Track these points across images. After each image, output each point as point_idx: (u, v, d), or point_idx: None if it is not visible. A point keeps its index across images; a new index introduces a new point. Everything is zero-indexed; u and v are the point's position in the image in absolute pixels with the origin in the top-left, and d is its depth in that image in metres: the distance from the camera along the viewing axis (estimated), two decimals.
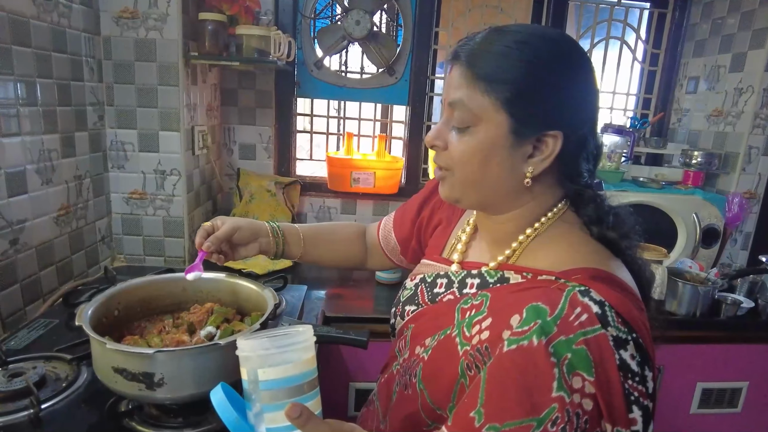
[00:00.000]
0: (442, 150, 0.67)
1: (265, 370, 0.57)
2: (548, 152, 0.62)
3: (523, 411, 0.51)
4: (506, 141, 0.62)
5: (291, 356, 0.58)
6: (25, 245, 1.17)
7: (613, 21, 2.07)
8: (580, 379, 0.51)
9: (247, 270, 1.58)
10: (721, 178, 1.93)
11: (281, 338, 0.59)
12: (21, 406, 0.81)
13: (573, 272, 0.60)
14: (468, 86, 0.62)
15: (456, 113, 0.64)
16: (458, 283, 0.72)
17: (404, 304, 0.80)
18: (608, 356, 0.52)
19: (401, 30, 1.95)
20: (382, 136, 2.04)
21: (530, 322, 0.54)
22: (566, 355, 0.51)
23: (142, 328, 0.92)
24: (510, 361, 0.54)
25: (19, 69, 1.12)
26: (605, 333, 0.52)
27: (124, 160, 1.51)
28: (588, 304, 0.54)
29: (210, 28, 1.49)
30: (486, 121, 0.62)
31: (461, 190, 0.68)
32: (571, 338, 0.52)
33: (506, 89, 0.60)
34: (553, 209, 0.68)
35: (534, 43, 0.61)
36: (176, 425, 0.80)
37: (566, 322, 0.53)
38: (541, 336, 0.52)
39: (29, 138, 1.16)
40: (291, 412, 0.56)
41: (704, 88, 1.99)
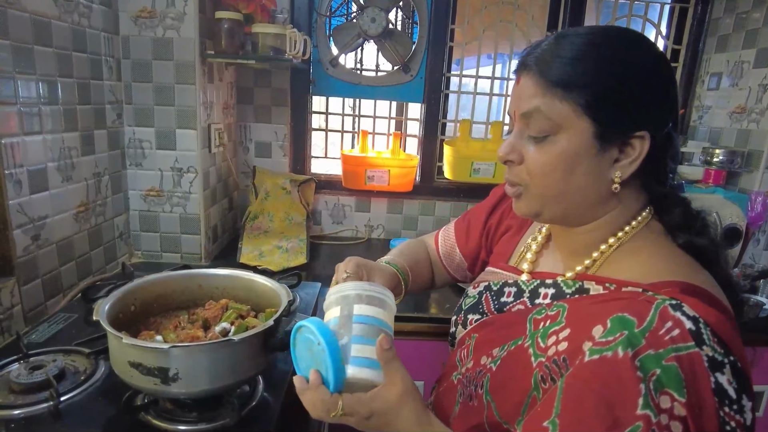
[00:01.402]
0: (518, 164, 0.64)
1: (362, 306, 0.61)
2: (636, 154, 0.59)
3: (602, 426, 0.48)
4: (591, 148, 0.59)
5: (383, 304, 0.62)
6: (46, 241, 1.20)
7: (633, 16, 2.04)
8: (669, 399, 0.47)
9: (262, 267, 1.60)
10: (743, 176, 1.88)
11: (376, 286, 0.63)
12: (41, 398, 0.83)
13: (662, 285, 0.56)
14: (544, 94, 0.60)
15: (532, 123, 0.61)
16: (529, 293, 0.69)
17: (467, 313, 0.77)
18: (702, 377, 0.47)
19: (417, 27, 1.94)
20: (396, 134, 2.04)
21: (615, 333, 0.50)
22: (655, 370, 0.47)
23: (158, 323, 0.93)
24: (591, 371, 0.50)
25: (40, 69, 1.14)
26: (699, 352, 0.48)
27: (142, 157, 1.53)
28: (681, 319, 0.50)
29: (226, 26, 1.50)
30: (567, 129, 0.59)
31: (542, 203, 0.64)
32: (661, 353, 0.48)
33: (585, 93, 0.58)
34: (637, 217, 0.64)
35: (605, 43, 0.59)
36: (191, 419, 0.81)
37: (656, 335, 0.49)
38: (627, 348, 0.48)
39: (50, 136, 1.19)
40: (384, 341, 0.58)
41: (727, 85, 1.95)
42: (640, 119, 0.59)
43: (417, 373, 1.46)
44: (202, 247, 1.61)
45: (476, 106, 2.05)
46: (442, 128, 2.08)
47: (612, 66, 0.58)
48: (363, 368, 0.59)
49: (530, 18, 1.98)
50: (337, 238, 2.09)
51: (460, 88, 2.04)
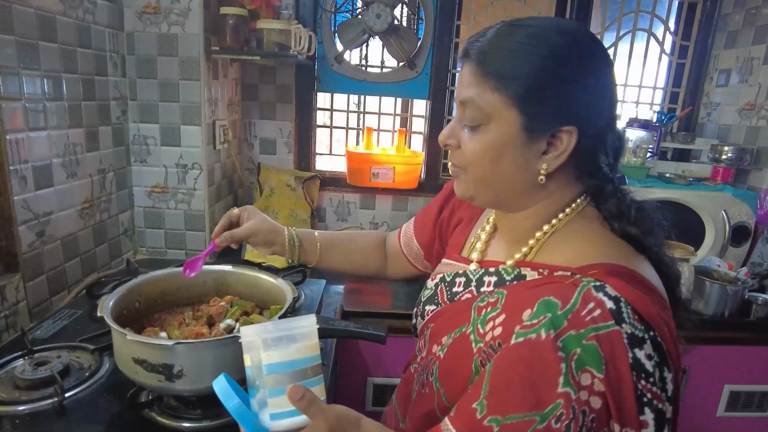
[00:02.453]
0: (456, 149, 0.66)
1: (269, 353, 0.57)
2: (563, 148, 0.61)
3: (526, 405, 0.50)
4: (518, 139, 0.61)
5: (294, 339, 0.58)
6: (51, 237, 1.20)
7: (641, 12, 2.02)
8: (589, 376, 0.49)
9: (266, 264, 1.60)
10: (752, 174, 1.86)
11: (284, 323, 0.59)
12: (46, 394, 0.83)
13: (590, 267, 0.58)
14: (478, 84, 0.61)
15: (467, 112, 0.63)
16: (476, 282, 0.71)
17: (425, 304, 0.79)
18: (620, 354, 0.50)
19: (422, 23, 1.93)
20: (401, 131, 2.03)
21: (540, 316, 0.53)
22: (575, 350, 0.50)
23: (163, 320, 0.93)
24: (516, 353, 0.53)
25: (45, 64, 1.14)
26: (619, 330, 0.51)
27: (147, 154, 1.53)
28: (602, 299, 0.52)
29: (231, 22, 1.50)
30: (497, 119, 0.61)
31: (475, 188, 0.67)
32: (581, 333, 0.50)
33: (517, 86, 0.59)
34: (571, 205, 0.66)
35: (547, 37, 0.59)
36: (195, 416, 0.81)
37: (577, 316, 0.51)
38: (549, 329, 0.51)
39: (55, 132, 1.19)
40: (293, 393, 0.56)
41: (736, 81, 1.93)
42: (570, 115, 0.60)
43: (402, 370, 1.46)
44: (207, 243, 1.61)
45: None
46: (449, 123, 2.06)
47: (546, 62, 0.58)
48: (283, 420, 0.58)
49: (537, 14, 1.96)
50: None
51: None
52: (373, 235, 1.08)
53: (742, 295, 1.48)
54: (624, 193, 0.67)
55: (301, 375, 0.58)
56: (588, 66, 0.60)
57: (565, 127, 0.60)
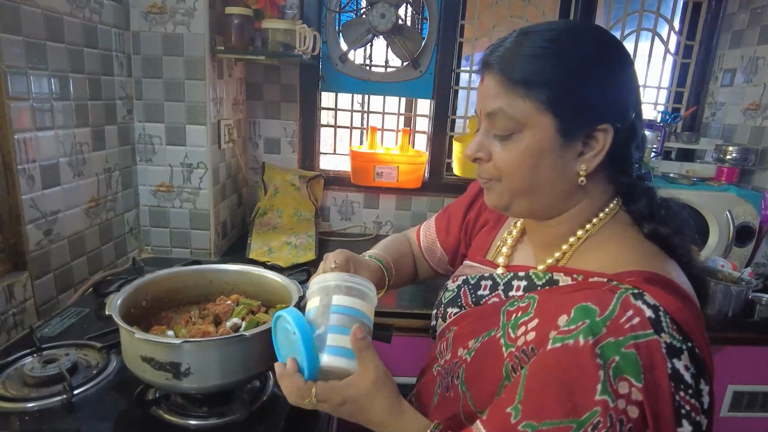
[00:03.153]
0: (486, 162, 0.66)
1: (340, 296, 0.61)
2: (599, 147, 0.60)
3: (562, 411, 0.50)
4: (555, 143, 0.60)
5: (363, 295, 0.62)
6: (58, 236, 1.21)
7: (645, 12, 2.01)
8: (627, 385, 0.49)
9: (271, 263, 1.60)
10: (757, 174, 1.86)
11: (356, 278, 0.63)
12: (54, 391, 0.84)
13: (626, 275, 0.57)
14: (506, 93, 0.61)
15: (497, 122, 0.62)
16: (504, 286, 0.71)
17: (446, 306, 0.78)
18: (659, 364, 0.49)
19: (426, 23, 1.93)
20: (405, 130, 2.03)
21: (578, 321, 0.52)
22: (614, 357, 0.49)
23: (169, 318, 0.94)
24: (553, 358, 0.52)
25: (52, 64, 1.14)
26: (658, 339, 0.50)
27: (152, 153, 1.54)
28: (641, 307, 0.52)
29: (236, 22, 1.50)
30: (531, 126, 0.60)
31: (510, 197, 0.66)
32: (620, 341, 0.50)
33: (546, 90, 0.59)
34: (604, 209, 0.66)
35: (566, 39, 0.60)
36: (201, 414, 0.81)
37: (616, 324, 0.50)
38: (588, 335, 0.50)
39: (62, 131, 1.19)
40: (358, 331, 0.59)
41: (741, 81, 1.92)
42: (602, 112, 0.60)
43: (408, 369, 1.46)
44: (212, 242, 1.61)
45: None
46: (452, 124, 2.06)
47: (571, 62, 0.59)
48: (337, 357, 0.60)
49: (541, 14, 1.96)
50: (345, 234, 2.09)
51: (470, 84, 2.03)
52: (405, 242, 1.01)
53: (745, 296, 1.48)
54: (653, 190, 0.67)
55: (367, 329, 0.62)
56: (612, 62, 0.61)
57: (599, 125, 0.60)
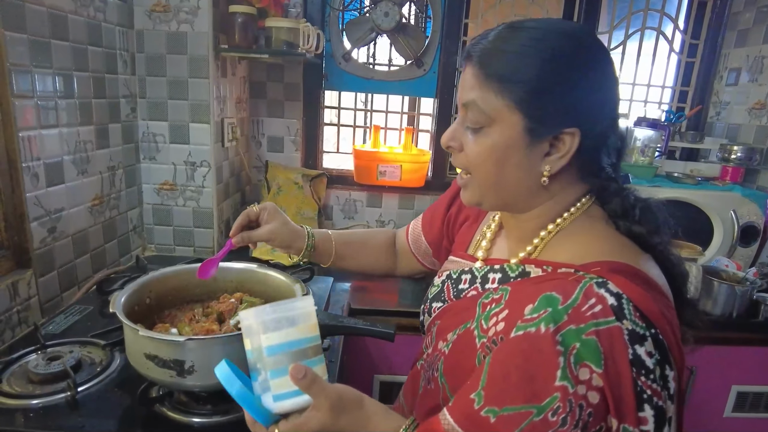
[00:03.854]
0: (458, 151, 0.67)
1: (268, 335, 0.58)
2: (565, 150, 0.61)
3: (523, 397, 0.51)
4: (521, 141, 0.61)
5: (293, 320, 0.59)
6: (62, 234, 1.21)
7: (650, 11, 2.00)
8: (588, 371, 0.50)
9: (274, 261, 1.60)
10: (761, 174, 1.85)
11: (282, 304, 0.60)
12: (58, 388, 0.84)
13: (593, 265, 0.58)
14: (480, 87, 0.61)
15: (470, 114, 0.63)
16: (481, 279, 0.72)
17: (431, 301, 0.80)
18: (620, 349, 0.50)
19: (430, 21, 1.93)
20: (409, 129, 2.03)
21: (540, 310, 0.53)
22: (575, 344, 0.50)
23: (173, 316, 0.94)
24: (515, 346, 0.53)
25: (57, 62, 1.15)
26: (620, 326, 0.51)
27: (156, 151, 1.54)
28: (604, 295, 0.52)
29: (240, 20, 1.50)
30: (500, 122, 0.61)
31: (480, 193, 0.67)
32: (581, 328, 0.50)
33: (520, 89, 0.59)
34: (576, 204, 0.66)
35: (550, 40, 0.59)
36: (205, 412, 0.81)
37: (578, 311, 0.51)
38: (549, 323, 0.51)
39: (66, 130, 1.20)
40: (295, 372, 0.57)
41: (746, 80, 1.91)
42: (572, 116, 0.60)
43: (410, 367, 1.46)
44: (215, 240, 1.62)
45: None
46: None
47: (549, 64, 0.59)
48: (285, 401, 0.59)
49: (545, 12, 1.96)
50: None
51: None
52: (384, 233, 1.08)
53: (750, 296, 1.47)
54: (628, 191, 0.67)
55: (302, 355, 0.59)
56: (590, 68, 0.61)
57: (567, 129, 0.60)
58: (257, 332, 0.58)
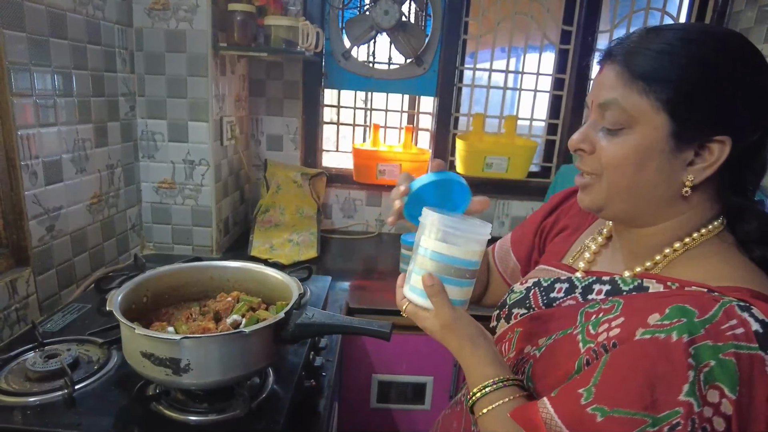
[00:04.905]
0: (589, 154, 0.63)
1: (437, 243, 0.64)
2: (713, 160, 0.56)
3: (641, 403, 0.47)
4: (665, 145, 0.57)
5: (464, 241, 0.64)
6: (60, 232, 1.21)
7: (651, 9, 2.00)
8: (718, 394, 0.45)
9: (272, 260, 1.60)
10: None
11: (464, 223, 0.64)
12: (56, 386, 0.84)
13: (731, 289, 0.53)
14: (624, 86, 0.58)
15: (608, 114, 0.60)
16: (582, 289, 0.68)
17: (511, 307, 0.76)
18: (761, 380, 0.45)
19: (430, 20, 1.92)
20: (408, 128, 2.03)
21: (673, 318, 0.49)
22: (709, 362, 0.46)
23: (170, 314, 0.94)
24: (640, 349, 0.49)
25: (56, 61, 1.15)
26: (763, 356, 0.46)
27: (154, 149, 1.54)
28: (748, 319, 0.48)
29: (239, 18, 1.50)
30: (643, 124, 0.57)
31: (608, 196, 0.62)
32: (720, 346, 0.46)
33: (668, 89, 0.56)
34: (708, 225, 0.61)
35: (701, 41, 0.56)
36: (201, 410, 0.81)
37: (717, 328, 0.47)
38: (684, 333, 0.47)
39: (65, 128, 1.20)
40: (427, 279, 0.63)
41: None
42: (724, 123, 0.56)
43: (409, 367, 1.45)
44: (214, 239, 1.62)
45: (490, 99, 2.04)
46: (455, 122, 2.06)
47: (700, 64, 0.55)
48: (415, 295, 0.66)
49: (546, 11, 1.95)
50: (347, 232, 2.09)
51: (473, 82, 2.02)
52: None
53: None
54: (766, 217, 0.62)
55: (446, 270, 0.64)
56: (745, 72, 0.57)
57: (717, 136, 0.56)
58: (429, 235, 0.64)
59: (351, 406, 1.48)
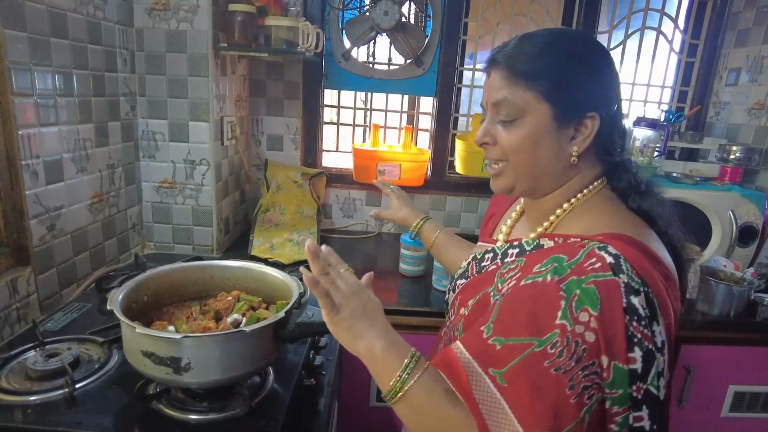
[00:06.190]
0: (492, 145, 0.75)
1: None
2: (588, 132, 0.71)
3: (527, 331, 0.59)
4: (551, 126, 0.70)
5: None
6: (61, 231, 1.22)
7: (650, 10, 2.00)
8: (587, 314, 0.57)
9: (272, 259, 1.61)
10: (761, 174, 1.85)
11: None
12: (57, 385, 0.85)
13: (601, 236, 0.65)
14: (510, 85, 0.71)
15: (502, 110, 0.72)
16: (501, 255, 0.81)
17: (456, 280, 0.89)
18: (616, 298, 0.58)
19: (430, 21, 1.93)
20: (408, 128, 2.03)
21: (547, 265, 0.62)
22: (576, 291, 0.58)
23: (171, 314, 0.94)
24: (523, 290, 0.63)
25: (57, 61, 1.15)
26: (616, 279, 0.58)
27: (155, 149, 1.55)
28: (603, 255, 0.61)
29: (239, 19, 1.51)
30: (530, 113, 0.70)
31: (515, 176, 0.75)
32: (582, 278, 0.59)
33: (545, 82, 0.69)
34: (589, 186, 0.75)
35: (562, 42, 0.71)
36: (201, 409, 0.82)
37: (580, 266, 0.60)
38: (554, 275, 0.61)
39: (65, 128, 1.20)
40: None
41: (746, 80, 1.91)
42: (591, 103, 0.70)
43: None
44: (214, 239, 1.62)
45: None
46: (454, 122, 2.06)
47: (566, 59, 0.70)
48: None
49: (545, 11, 1.96)
50: (347, 231, 2.09)
51: (473, 82, 2.03)
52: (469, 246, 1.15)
53: (748, 296, 1.47)
54: (635, 169, 0.77)
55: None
56: (599, 62, 0.72)
57: (588, 113, 0.70)
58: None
59: (350, 405, 1.48)
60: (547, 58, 0.70)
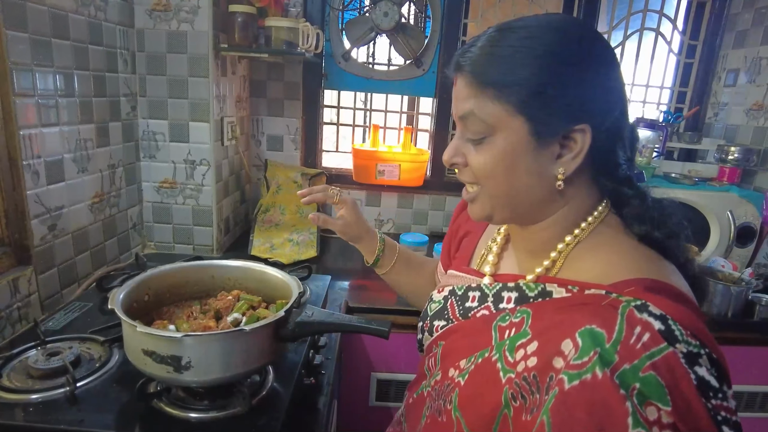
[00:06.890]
0: (463, 166, 0.63)
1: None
2: (578, 148, 0.57)
3: None
4: (528, 145, 0.57)
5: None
6: (62, 231, 1.22)
7: (649, 11, 2.01)
8: (655, 410, 0.44)
9: (273, 259, 1.61)
10: (759, 174, 1.85)
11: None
12: (58, 383, 0.85)
13: (624, 284, 0.54)
14: (477, 96, 0.58)
15: (469, 125, 0.60)
16: (493, 297, 0.67)
17: (432, 319, 0.75)
18: (682, 377, 0.45)
19: (429, 21, 1.93)
20: (408, 129, 2.03)
21: (588, 352, 0.47)
22: (634, 384, 0.45)
23: (171, 313, 0.95)
24: (574, 399, 0.47)
25: (58, 61, 1.15)
26: (674, 351, 0.46)
27: (156, 149, 1.55)
28: (648, 321, 0.48)
29: (240, 19, 1.51)
30: (502, 129, 0.58)
31: (491, 205, 0.63)
32: (636, 364, 0.45)
33: (518, 91, 0.56)
34: (593, 212, 0.62)
35: (541, 37, 0.56)
36: (202, 407, 0.82)
37: (627, 346, 0.47)
38: (603, 367, 0.46)
39: (67, 128, 1.21)
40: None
41: (744, 81, 1.92)
42: (579, 112, 0.56)
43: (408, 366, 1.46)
44: (215, 238, 1.63)
45: None
46: (454, 123, 2.07)
47: (545, 60, 0.55)
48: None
49: (545, 12, 1.96)
50: None
51: None
52: (435, 262, 1.02)
53: (745, 296, 1.48)
54: (645, 192, 0.63)
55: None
56: (591, 59, 0.57)
57: (576, 125, 0.56)
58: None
59: (350, 404, 1.49)
60: (522, 59, 0.55)
